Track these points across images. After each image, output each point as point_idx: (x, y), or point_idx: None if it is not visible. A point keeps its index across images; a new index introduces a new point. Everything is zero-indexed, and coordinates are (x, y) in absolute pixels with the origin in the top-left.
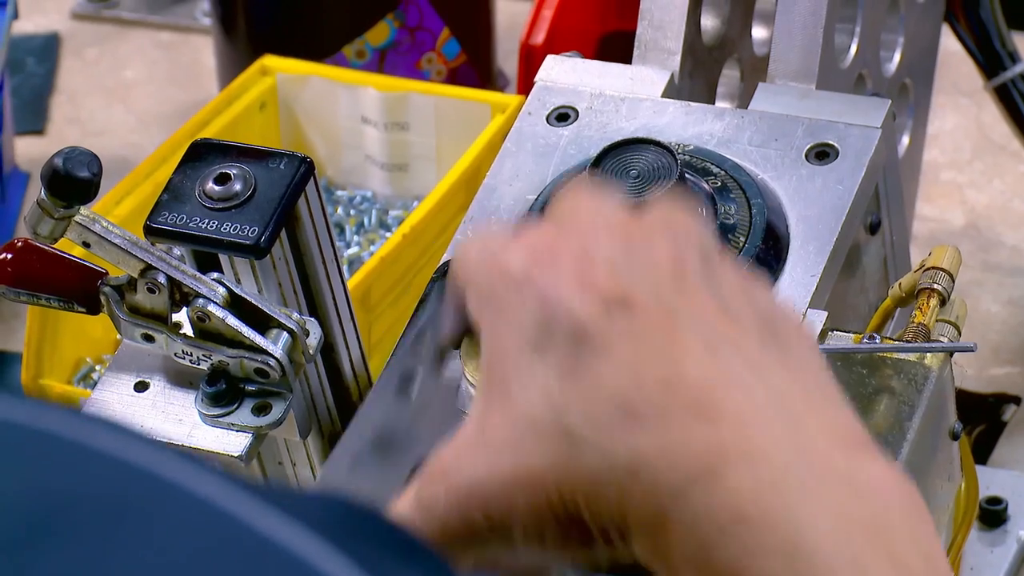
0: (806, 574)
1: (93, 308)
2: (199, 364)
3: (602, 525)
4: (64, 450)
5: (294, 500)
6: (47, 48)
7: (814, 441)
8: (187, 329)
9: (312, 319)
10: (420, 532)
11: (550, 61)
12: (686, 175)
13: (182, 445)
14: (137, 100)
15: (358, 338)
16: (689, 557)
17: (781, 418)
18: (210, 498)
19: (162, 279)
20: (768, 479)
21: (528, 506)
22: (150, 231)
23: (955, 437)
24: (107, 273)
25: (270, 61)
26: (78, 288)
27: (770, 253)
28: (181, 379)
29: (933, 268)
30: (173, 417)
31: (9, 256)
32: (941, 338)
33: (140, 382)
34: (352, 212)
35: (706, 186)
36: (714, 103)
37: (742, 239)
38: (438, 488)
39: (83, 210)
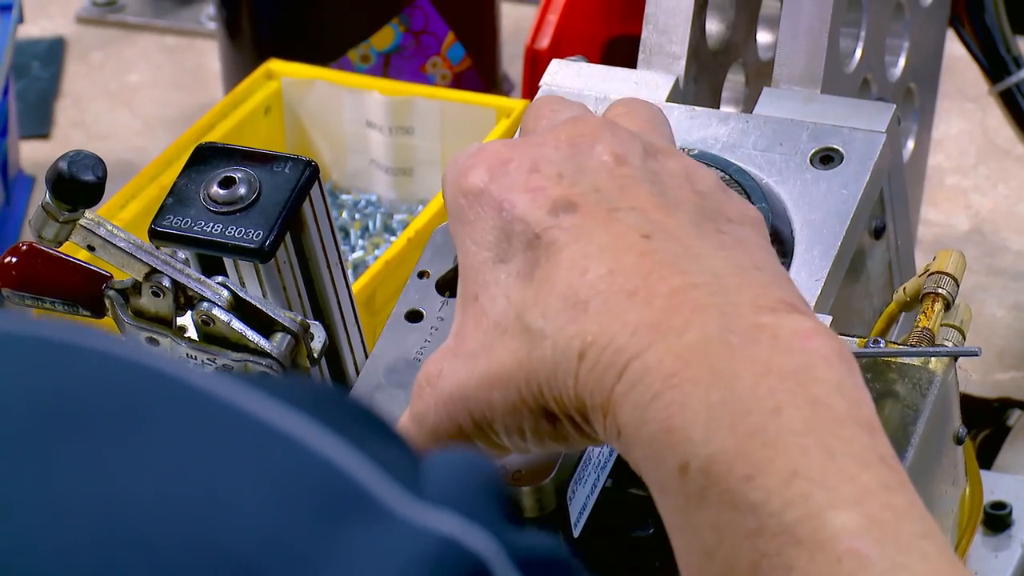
0: (725, 422)
1: (98, 312)
2: (203, 368)
3: (565, 411)
4: (67, 353)
5: (283, 386)
6: (52, 52)
7: (740, 308)
8: (192, 333)
9: (316, 323)
10: (417, 443)
11: (555, 65)
12: None
13: None
14: (142, 104)
15: (363, 342)
16: (634, 426)
17: (711, 291)
18: (207, 388)
19: (166, 283)
20: (695, 344)
21: (504, 402)
22: (154, 235)
23: (959, 441)
24: (111, 277)
25: (275, 65)
26: (83, 292)
27: None
28: None
29: (938, 272)
30: None
31: (14, 260)
32: (945, 342)
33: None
34: (357, 216)
35: None
36: (719, 107)
37: None
38: (427, 399)
39: (88, 213)
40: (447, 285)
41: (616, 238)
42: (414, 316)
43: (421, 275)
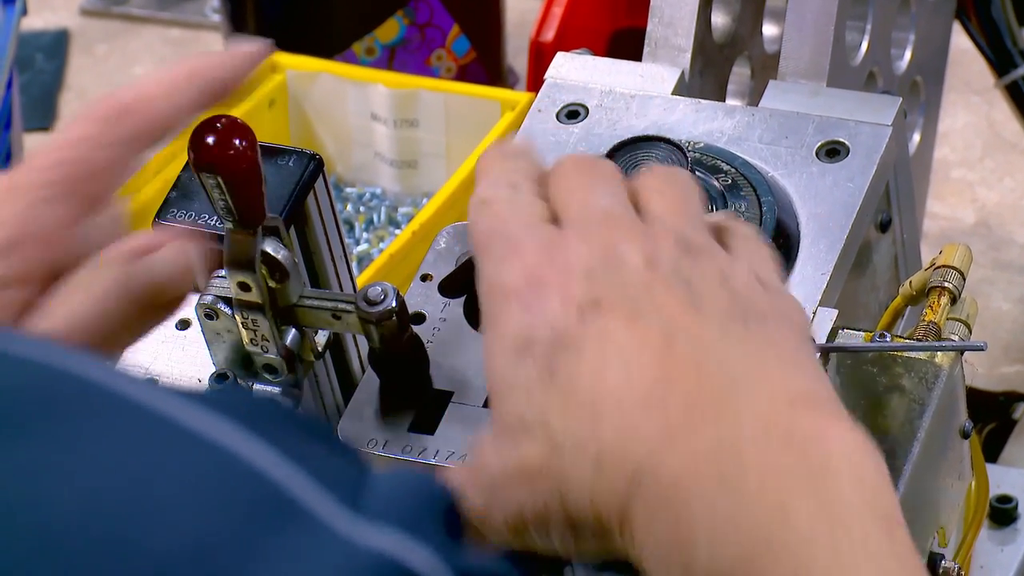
0: (730, 529)
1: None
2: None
3: (585, 520)
4: None
5: (218, 397)
6: (56, 45)
7: (756, 408)
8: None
9: None
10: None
11: (560, 58)
12: (696, 172)
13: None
14: None
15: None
16: (644, 533)
17: (727, 394)
18: (133, 395)
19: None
20: (706, 451)
21: (532, 503)
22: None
23: (965, 435)
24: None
25: (280, 58)
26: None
27: (780, 251)
28: None
29: (944, 266)
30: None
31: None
32: (952, 336)
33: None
34: (361, 209)
35: (716, 184)
36: (724, 100)
37: None
38: (471, 489)
39: None
40: (449, 287)
41: (638, 342)
42: (417, 318)
43: (424, 278)
